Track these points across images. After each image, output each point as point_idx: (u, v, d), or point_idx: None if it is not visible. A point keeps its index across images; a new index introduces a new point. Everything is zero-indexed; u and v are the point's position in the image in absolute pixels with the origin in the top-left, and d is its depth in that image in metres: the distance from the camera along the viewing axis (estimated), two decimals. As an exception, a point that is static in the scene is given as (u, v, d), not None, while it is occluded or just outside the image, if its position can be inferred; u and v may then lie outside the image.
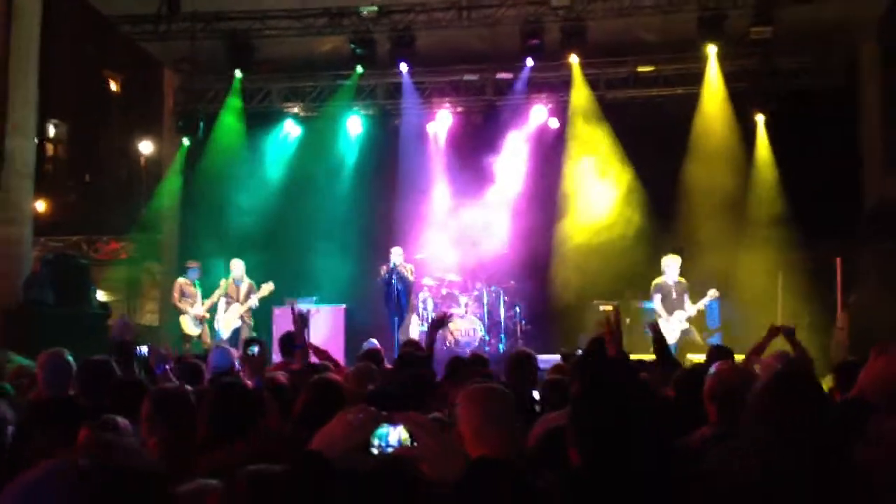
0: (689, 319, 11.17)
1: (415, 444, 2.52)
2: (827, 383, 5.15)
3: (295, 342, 6.14)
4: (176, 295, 12.56)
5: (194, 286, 12.58)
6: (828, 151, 13.04)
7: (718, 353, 6.32)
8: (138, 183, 14.13)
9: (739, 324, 12.22)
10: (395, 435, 2.54)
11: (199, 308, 12.48)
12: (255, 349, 4.54)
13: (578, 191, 14.18)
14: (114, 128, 13.58)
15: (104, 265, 13.53)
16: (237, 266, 12.59)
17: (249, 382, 4.27)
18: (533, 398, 5.41)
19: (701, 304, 11.19)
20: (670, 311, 11.21)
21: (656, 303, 11.34)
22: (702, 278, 11.73)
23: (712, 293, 11.15)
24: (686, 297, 11.26)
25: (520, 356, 6.08)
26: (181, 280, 12.67)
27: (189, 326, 12.47)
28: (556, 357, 9.01)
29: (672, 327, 11.07)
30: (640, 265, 12.66)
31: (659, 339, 6.15)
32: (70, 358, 4.87)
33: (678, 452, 3.58)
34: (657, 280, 11.43)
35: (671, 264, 11.36)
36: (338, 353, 11.84)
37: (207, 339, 12.48)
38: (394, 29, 13.10)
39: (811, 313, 11.72)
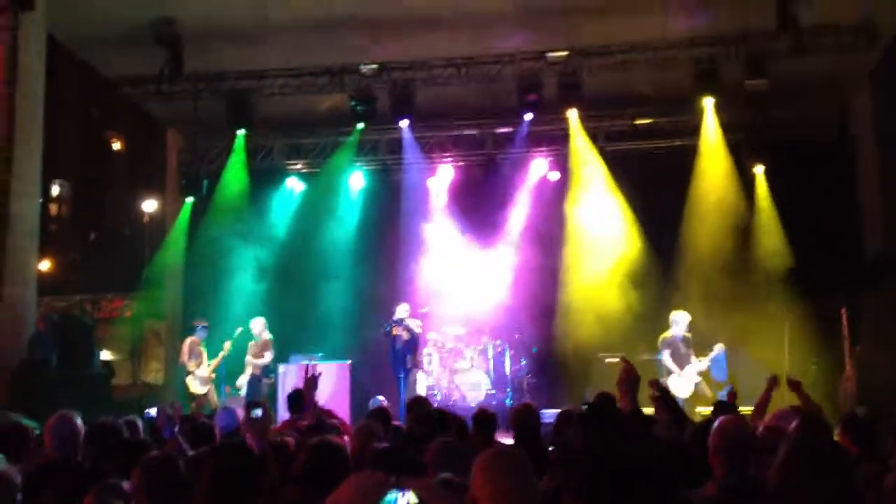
0: (700, 373, 11.11)
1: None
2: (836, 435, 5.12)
3: (304, 401, 6.12)
4: (185, 353, 12.57)
5: (201, 346, 12.61)
6: (827, 201, 13.15)
7: (722, 408, 6.42)
8: (142, 241, 14.16)
9: (747, 376, 12.16)
10: (403, 500, 2.53)
11: (205, 369, 12.48)
12: (259, 412, 4.51)
13: (581, 243, 14.23)
14: (117, 187, 13.69)
15: (107, 323, 13.51)
16: (255, 324, 12.66)
17: (254, 445, 4.25)
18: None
19: (709, 359, 11.13)
20: (681, 366, 11.15)
21: (666, 358, 11.25)
22: (706, 331, 11.70)
23: (718, 347, 11.10)
24: (691, 352, 11.21)
25: (522, 410, 6.09)
26: (191, 339, 12.69)
27: (195, 386, 12.46)
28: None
29: (685, 381, 11.02)
30: (645, 318, 12.66)
31: (667, 397, 6.11)
32: (79, 421, 4.86)
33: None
34: (665, 335, 11.36)
35: (680, 320, 11.29)
36: (343, 410, 11.79)
37: (214, 399, 12.45)
38: (394, 86, 13.26)
39: (818, 364, 11.69)
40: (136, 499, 3.67)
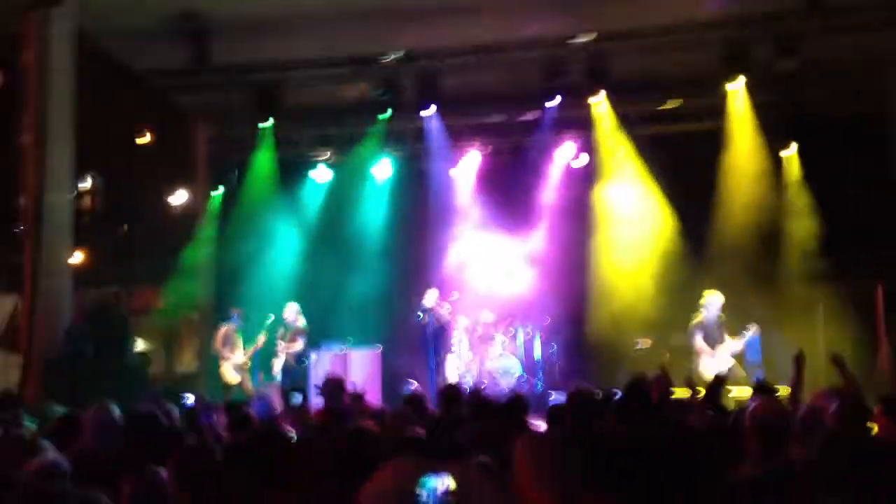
0: (734, 355, 11.02)
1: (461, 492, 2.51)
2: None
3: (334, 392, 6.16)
4: (220, 341, 12.70)
5: (237, 333, 12.74)
6: (862, 179, 12.95)
7: (760, 390, 6.38)
8: (173, 232, 14.29)
9: (781, 358, 12.06)
10: (441, 484, 2.54)
11: (241, 356, 12.60)
12: (299, 398, 4.54)
13: (610, 227, 14.17)
14: (147, 179, 13.77)
15: (141, 314, 13.65)
16: (289, 310, 12.75)
17: (293, 431, 4.29)
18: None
19: (743, 340, 11.03)
20: (713, 348, 11.05)
21: (699, 340, 11.15)
22: (739, 313, 11.61)
23: (753, 328, 10.99)
24: (724, 334, 11.11)
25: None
26: (225, 326, 12.83)
27: (230, 374, 12.58)
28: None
29: (717, 363, 10.92)
30: (676, 300, 12.59)
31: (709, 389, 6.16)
32: (116, 411, 4.93)
33: (728, 489, 3.58)
34: (697, 317, 11.27)
35: (713, 301, 11.18)
36: (374, 396, 11.87)
37: (248, 386, 12.57)
38: (419, 74, 13.24)
39: (853, 344, 11.57)
40: (173, 487, 3.72)
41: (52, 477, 3.87)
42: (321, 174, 15.56)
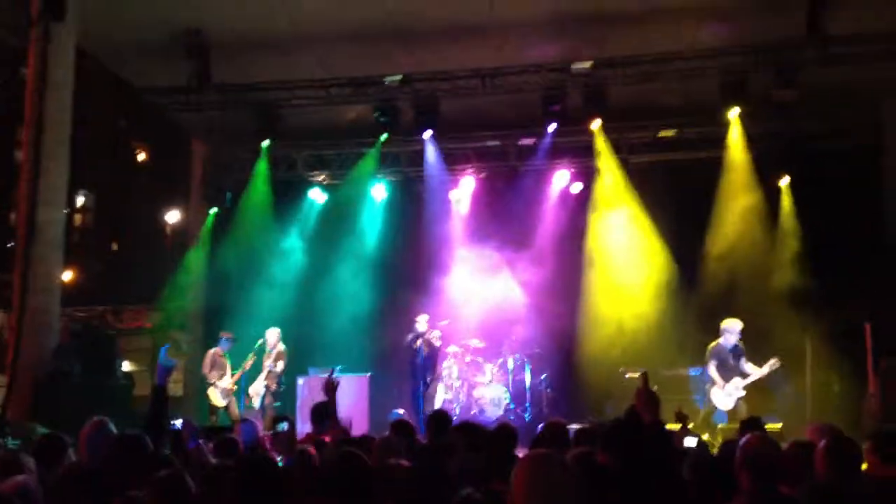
0: (747, 387, 10.84)
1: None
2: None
3: (327, 412, 6.08)
4: (207, 365, 12.54)
5: (225, 357, 12.58)
6: (854, 212, 12.94)
7: (749, 424, 6.36)
8: (165, 252, 14.23)
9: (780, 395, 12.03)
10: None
11: (228, 380, 12.44)
12: (285, 426, 4.48)
13: (603, 256, 14.13)
14: (141, 197, 13.76)
15: (129, 334, 13.55)
16: (270, 334, 12.61)
17: (279, 458, 4.21)
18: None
19: (762, 372, 10.82)
20: (727, 379, 10.87)
21: (712, 369, 10.91)
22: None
23: (773, 362, 10.74)
24: (743, 362, 10.93)
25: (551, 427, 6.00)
26: (213, 350, 12.66)
27: (217, 398, 12.42)
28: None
29: (727, 395, 10.79)
30: (667, 332, 12.54)
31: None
32: (113, 429, 4.90)
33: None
34: (713, 344, 11.05)
35: (731, 328, 10.92)
36: (362, 423, 11.76)
37: (235, 411, 12.41)
38: (417, 97, 13.24)
39: (841, 379, 11.49)
40: None
41: (16, 498, 3.81)
42: (318, 195, 15.51)
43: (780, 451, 4.42)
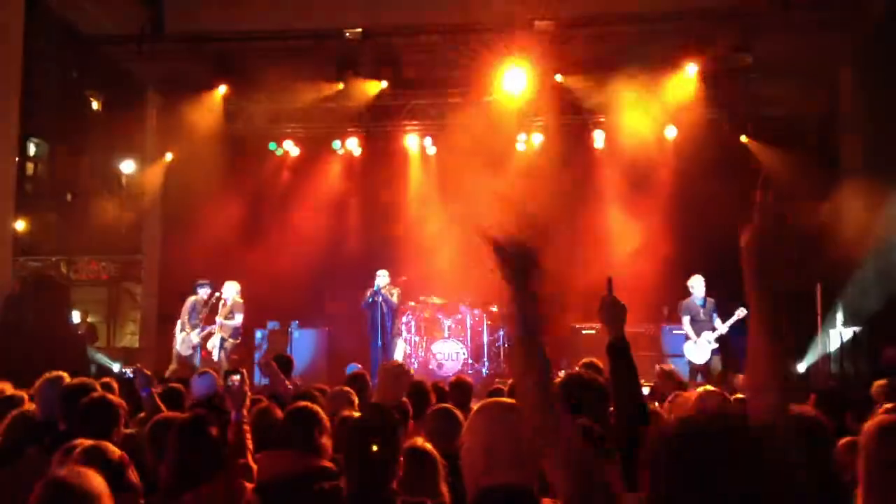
0: (720, 339, 11.16)
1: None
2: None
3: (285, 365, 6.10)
4: (186, 311, 12.38)
5: (204, 307, 12.40)
6: (812, 176, 13.11)
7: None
8: (119, 203, 14.01)
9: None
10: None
11: (197, 335, 12.30)
12: (237, 378, 4.47)
13: (564, 213, 14.22)
14: (95, 147, 13.47)
15: (84, 286, 13.37)
16: (227, 287, 12.47)
17: (233, 412, 4.23)
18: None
19: (729, 323, 11.13)
20: (698, 333, 11.27)
21: (685, 324, 11.43)
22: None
23: (740, 311, 11.01)
24: (715, 316, 11.23)
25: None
26: (195, 298, 12.47)
27: (183, 347, 12.30)
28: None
29: (700, 348, 11.21)
30: (631, 289, 12.67)
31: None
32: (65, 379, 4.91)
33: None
34: (685, 300, 11.51)
35: (697, 284, 11.41)
36: (320, 377, 11.80)
37: (195, 363, 12.34)
38: (378, 51, 13.11)
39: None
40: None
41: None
42: (272, 148, 15.33)
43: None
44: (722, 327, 11.20)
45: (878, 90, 11.82)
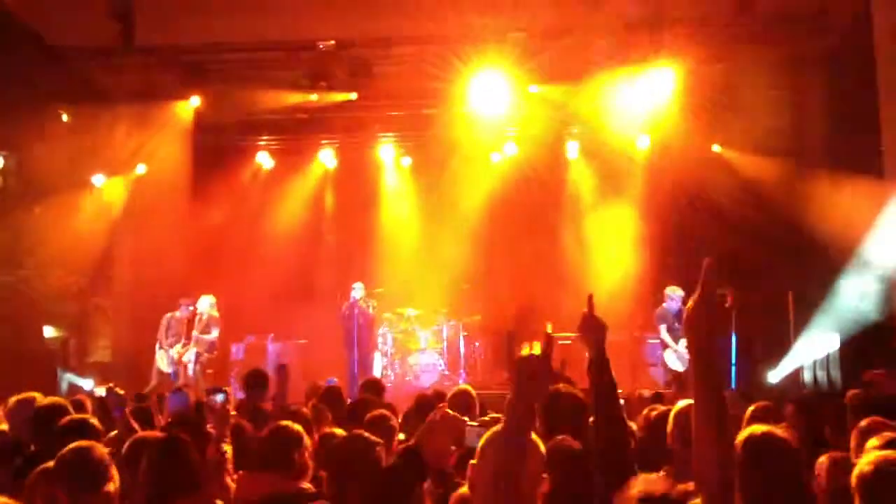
0: None
1: None
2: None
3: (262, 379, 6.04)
4: (163, 328, 12.38)
5: (182, 324, 12.35)
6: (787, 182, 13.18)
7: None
8: (90, 216, 13.80)
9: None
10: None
11: (178, 349, 12.23)
12: (220, 397, 4.40)
13: (538, 221, 14.27)
14: (64, 160, 13.26)
15: (54, 300, 13.15)
16: (202, 301, 12.41)
17: (213, 431, 4.17)
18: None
19: None
20: (676, 340, 11.39)
21: (663, 332, 11.61)
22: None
23: None
24: None
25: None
26: (170, 315, 12.48)
27: (163, 363, 12.25)
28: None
29: (679, 355, 11.34)
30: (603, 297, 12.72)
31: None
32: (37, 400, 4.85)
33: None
34: (660, 309, 11.65)
35: (675, 294, 11.54)
36: (296, 391, 11.69)
37: (174, 379, 12.23)
38: (351, 63, 13.06)
39: (764, 344, 11.84)
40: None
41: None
42: (245, 161, 15.23)
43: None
44: None
45: (846, 95, 11.92)
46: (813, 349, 11.74)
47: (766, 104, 13.63)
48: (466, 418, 3.46)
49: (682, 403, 4.38)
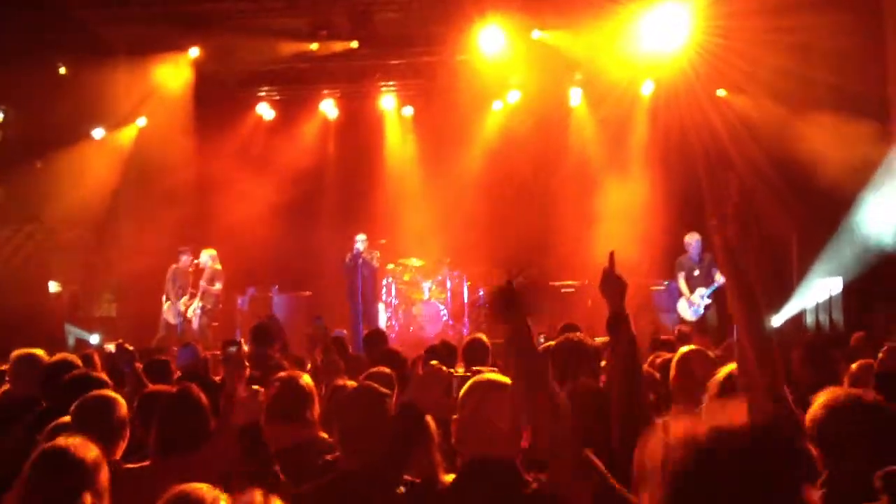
0: (717, 293, 11.12)
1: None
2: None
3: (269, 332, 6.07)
4: (168, 280, 12.39)
5: (187, 275, 12.36)
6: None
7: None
8: (91, 169, 13.76)
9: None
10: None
11: (184, 301, 12.27)
12: (234, 349, 4.44)
13: (543, 173, 14.21)
14: (64, 113, 13.17)
15: (59, 253, 13.18)
16: (205, 254, 12.43)
17: (228, 382, 4.20)
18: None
19: (715, 284, 11.20)
20: (692, 290, 11.35)
21: (680, 281, 11.60)
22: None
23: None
24: (715, 270, 11.12)
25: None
26: (174, 266, 12.48)
27: (171, 315, 12.30)
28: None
29: (692, 304, 11.41)
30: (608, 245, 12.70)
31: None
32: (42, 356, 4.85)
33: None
34: (680, 257, 11.67)
35: (692, 241, 11.51)
36: (302, 343, 11.78)
37: (181, 332, 12.31)
38: (352, 11, 12.90)
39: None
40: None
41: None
42: (247, 111, 15.13)
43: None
44: (720, 279, 11.15)
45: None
46: (816, 292, 11.75)
47: (771, 46, 13.54)
48: (461, 369, 3.60)
49: (685, 349, 4.42)
